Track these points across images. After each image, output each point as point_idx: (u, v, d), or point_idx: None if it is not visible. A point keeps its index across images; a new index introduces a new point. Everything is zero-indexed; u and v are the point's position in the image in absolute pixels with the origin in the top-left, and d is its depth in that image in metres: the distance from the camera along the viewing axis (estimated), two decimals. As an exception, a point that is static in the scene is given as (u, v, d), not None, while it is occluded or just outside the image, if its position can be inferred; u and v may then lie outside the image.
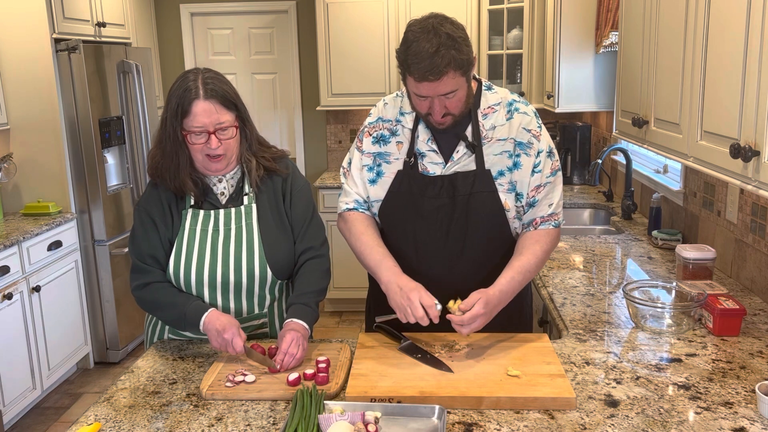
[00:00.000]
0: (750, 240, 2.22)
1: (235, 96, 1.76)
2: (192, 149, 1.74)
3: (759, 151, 1.44)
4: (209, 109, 1.70)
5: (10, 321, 3.40)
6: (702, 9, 1.75)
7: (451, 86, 1.64)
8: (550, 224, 1.83)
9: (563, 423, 1.42)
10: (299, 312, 1.76)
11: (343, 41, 4.73)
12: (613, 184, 3.94)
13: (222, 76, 1.77)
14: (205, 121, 1.70)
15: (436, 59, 1.58)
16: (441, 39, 1.59)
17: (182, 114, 1.70)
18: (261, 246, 1.83)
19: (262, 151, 1.87)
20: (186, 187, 1.79)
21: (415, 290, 1.65)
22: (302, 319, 1.74)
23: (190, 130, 1.71)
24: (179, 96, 1.70)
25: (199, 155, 1.75)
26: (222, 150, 1.74)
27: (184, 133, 1.72)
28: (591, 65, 3.69)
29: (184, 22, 5.27)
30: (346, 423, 1.36)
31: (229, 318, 1.72)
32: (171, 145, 1.74)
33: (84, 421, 1.49)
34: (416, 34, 1.62)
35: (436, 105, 1.68)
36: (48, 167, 3.97)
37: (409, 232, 1.83)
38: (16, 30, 3.80)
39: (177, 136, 1.73)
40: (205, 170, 1.81)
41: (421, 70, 1.60)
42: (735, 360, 1.70)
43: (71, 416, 3.61)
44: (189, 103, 1.69)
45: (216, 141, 1.72)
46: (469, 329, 1.63)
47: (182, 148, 1.74)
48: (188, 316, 1.75)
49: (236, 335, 1.67)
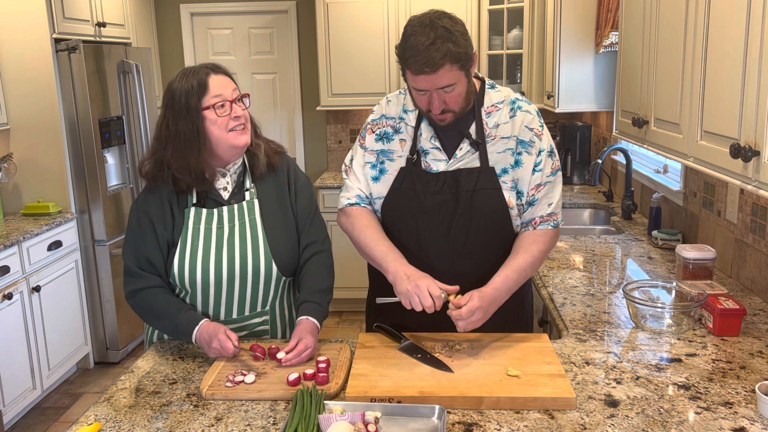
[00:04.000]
0: (750, 240, 2.22)
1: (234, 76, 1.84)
2: (217, 126, 1.73)
3: (759, 151, 1.44)
4: (224, 81, 1.76)
5: (10, 321, 3.40)
6: (702, 9, 1.75)
7: (448, 79, 1.64)
8: (548, 224, 1.83)
9: (563, 423, 1.42)
10: (311, 309, 1.79)
11: (343, 41, 4.73)
12: (613, 184, 3.94)
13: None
14: (224, 92, 1.74)
15: (432, 51, 1.59)
16: (438, 32, 1.60)
17: (201, 92, 1.72)
18: (265, 241, 1.83)
19: (261, 137, 1.90)
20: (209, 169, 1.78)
21: (424, 278, 1.66)
22: (314, 317, 1.78)
23: (211, 104, 1.73)
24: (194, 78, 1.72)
25: (224, 132, 1.75)
26: (244, 119, 1.78)
27: (206, 112, 1.72)
28: (591, 65, 3.69)
29: (184, 22, 5.27)
30: (346, 423, 1.36)
31: (215, 325, 1.73)
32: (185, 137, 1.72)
33: (84, 421, 1.49)
34: (414, 28, 1.64)
35: (435, 99, 1.68)
36: (48, 167, 3.97)
37: (412, 228, 1.83)
38: (16, 30, 3.80)
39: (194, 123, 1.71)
40: (232, 149, 1.78)
41: (417, 63, 1.62)
42: (735, 360, 1.70)
43: (71, 416, 3.61)
44: (204, 78, 1.73)
45: (239, 107, 1.76)
46: (467, 323, 1.63)
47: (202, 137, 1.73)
48: (180, 328, 1.76)
49: (224, 340, 1.68)
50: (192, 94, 1.72)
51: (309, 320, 1.76)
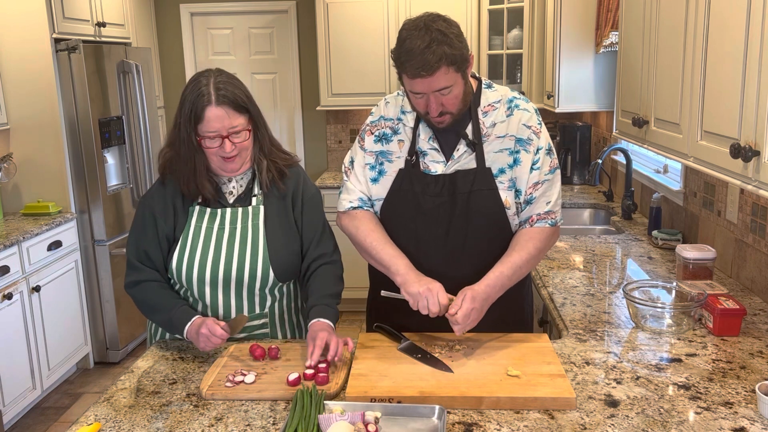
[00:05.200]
0: (750, 240, 2.22)
1: (247, 99, 1.77)
2: (207, 152, 1.77)
3: (759, 151, 1.44)
4: (221, 114, 1.71)
5: (10, 321, 3.40)
6: (702, 9, 1.75)
7: (444, 82, 1.64)
8: (546, 222, 1.83)
9: (563, 423, 1.42)
10: (323, 312, 1.79)
11: (343, 41, 4.73)
12: (613, 184, 3.94)
13: (235, 79, 1.78)
14: (218, 126, 1.72)
15: (427, 55, 1.59)
16: (432, 35, 1.60)
17: (195, 120, 1.72)
18: (265, 247, 1.83)
19: (274, 154, 1.88)
20: (204, 190, 1.81)
21: (435, 284, 1.68)
22: (328, 319, 1.78)
23: (204, 135, 1.73)
24: (192, 102, 1.72)
25: (214, 158, 1.78)
26: (236, 152, 1.77)
27: (199, 138, 1.74)
28: (591, 65, 3.69)
29: (184, 22, 5.27)
30: (346, 423, 1.36)
31: (205, 318, 1.74)
32: (186, 150, 1.77)
33: (84, 421, 1.49)
34: (409, 32, 1.64)
35: (432, 102, 1.68)
36: (48, 167, 3.97)
37: (411, 230, 1.83)
38: (16, 30, 3.80)
39: (192, 141, 1.75)
40: (221, 171, 1.83)
41: (413, 67, 1.62)
42: (735, 360, 1.70)
43: (71, 416, 3.61)
44: (202, 109, 1.71)
45: (230, 145, 1.74)
46: (463, 326, 1.64)
47: (198, 153, 1.77)
48: (174, 322, 1.76)
49: (212, 325, 1.68)
50: (189, 120, 1.73)
51: (321, 321, 1.76)
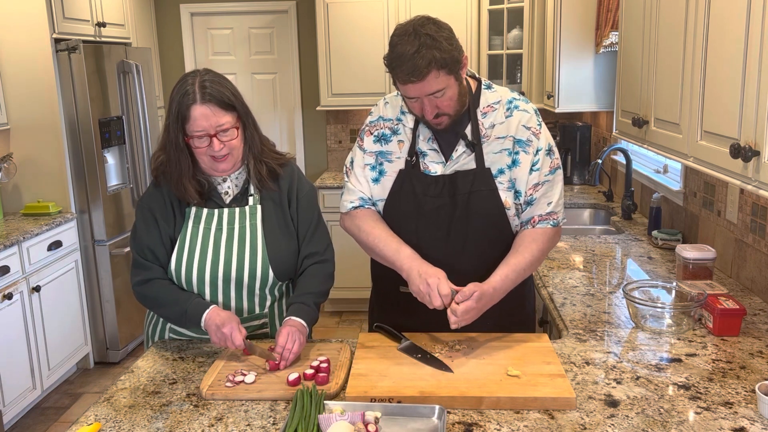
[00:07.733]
0: (750, 240, 2.22)
1: (233, 97, 1.75)
2: (197, 153, 1.76)
3: (759, 151, 1.44)
4: (207, 112, 1.70)
5: (10, 321, 3.40)
6: (702, 9, 1.75)
7: (436, 85, 1.64)
8: (548, 223, 1.83)
9: (563, 423, 1.42)
10: (297, 310, 1.78)
11: (343, 41, 4.73)
12: (613, 184, 3.94)
13: (221, 78, 1.77)
14: (204, 125, 1.71)
15: (416, 60, 1.60)
16: (421, 40, 1.60)
17: (182, 119, 1.72)
18: (264, 246, 1.83)
19: (265, 153, 1.86)
20: (188, 193, 1.80)
21: (434, 276, 1.65)
22: (300, 317, 1.76)
23: (192, 134, 1.72)
24: (178, 101, 1.72)
25: (205, 158, 1.77)
26: (226, 150, 1.75)
27: (188, 138, 1.73)
28: (591, 65, 3.69)
29: (184, 22, 5.27)
30: (346, 423, 1.36)
31: (229, 314, 1.74)
32: (174, 152, 1.76)
33: (84, 421, 1.49)
34: (399, 37, 1.64)
35: (427, 105, 1.68)
36: (48, 167, 3.97)
37: (411, 232, 1.83)
38: (16, 30, 3.80)
39: (179, 142, 1.74)
40: (212, 172, 1.82)
41: (403, 72, 1.62)
42: (735, 360, 1.70)
43: (71, 416, 3.61)
44: (187, 108, 1.70)
45: (218, 143, 1.73)
46: (460, 320, 1.62)
47: (184, 154, 1.76)
48: (189, 313, 1.76)
49: (235, 329, 1.68)
50: (177, 120, 1.72)
51: (292, 319, 1.75)
